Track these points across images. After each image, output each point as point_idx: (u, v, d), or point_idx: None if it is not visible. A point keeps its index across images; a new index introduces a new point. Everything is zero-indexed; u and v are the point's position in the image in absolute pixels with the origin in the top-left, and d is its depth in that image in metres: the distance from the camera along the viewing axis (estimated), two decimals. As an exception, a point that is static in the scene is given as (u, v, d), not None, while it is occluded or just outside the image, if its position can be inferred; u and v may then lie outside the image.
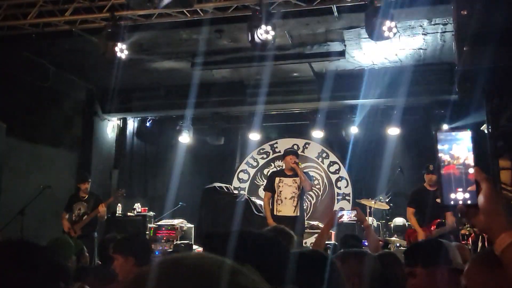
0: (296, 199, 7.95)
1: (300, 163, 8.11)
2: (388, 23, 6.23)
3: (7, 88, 8.95)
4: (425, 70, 9.55)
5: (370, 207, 9.85)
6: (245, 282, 0.81)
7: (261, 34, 6.49)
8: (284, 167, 8.31)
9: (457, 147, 1.48)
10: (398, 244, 8.78)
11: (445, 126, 9.77)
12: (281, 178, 8.13)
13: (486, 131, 6.73)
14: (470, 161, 1.46)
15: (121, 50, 7.15)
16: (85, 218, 8.62)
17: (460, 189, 1.46)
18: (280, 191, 8.03)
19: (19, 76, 9.19)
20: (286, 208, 7.95)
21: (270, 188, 8.22)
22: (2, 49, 8.31)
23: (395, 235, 9.51)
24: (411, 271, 2.66)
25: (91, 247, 8.55)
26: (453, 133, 1.50)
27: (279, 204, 8.03)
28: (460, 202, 1.45)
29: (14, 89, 9.11)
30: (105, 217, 9.07)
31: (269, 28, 6.50)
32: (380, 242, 6.56)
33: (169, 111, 11.68)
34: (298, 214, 7.91)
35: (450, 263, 2.64)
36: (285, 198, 7.97)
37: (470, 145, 1.48)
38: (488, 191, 1.42)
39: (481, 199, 1.42)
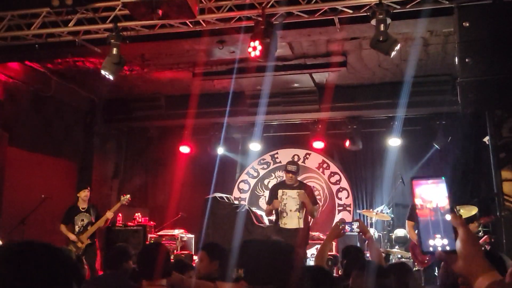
0: (300, 211, 7.82)
1: (307, 200, 7.80)
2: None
3: (9, 98, 8.98)
4: (426, 81, 9.58)
5: (371, 218, 9.84)
6: None
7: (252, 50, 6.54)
8: (285, 178, 8.17)
9: (433, 194, 1.52)
10: (399, 256, 8.76)
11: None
12: (284, 190, 7.96)
13: (488, 143, 6.76)
14: (446, 207, 1.50)
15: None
16: (92, 227, 8.61)
17: (438, 235, 1.48)
18: (285, 204, 7.88)
19: (22, 86, 9.22)
20: (292, 221, 7.79)
21: (271, 201, 8.13)
22: (5, 59, 8.34)
23: (397, 246, 9.49)
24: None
25: (95, 256, 8.61)
26: (428, 181, 1.54)
27: (284, 217, 7.87)
28: (439, 248, 1.48)
29: (16, 99, 9.14)
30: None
31: (256, 43, 6.52)
32: (382, 254, 6.54)
33: (170, 121, 11.69)
34: (303, 225, 7.79)
35: None
36: (290, 210, 7.81)
37: (445, 191, 1.52)
38: (464, 236, 1.45)
39: (458, 244, 1.45)
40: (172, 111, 11.33)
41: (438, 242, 1.48)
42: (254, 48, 6.59)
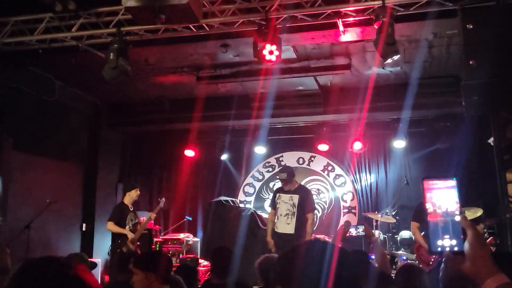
0: (290, 216, 7.80)
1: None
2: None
3: (14, 103, 9.00)
4: (430, 83, 9.54)
5: (377, 221, 9.81)
6: None
7: (268, 54, 6.59)
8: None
9: (444, 195, 1.54)
10: (405, 258, 8.73)
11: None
12: (280, 194, 8.03)
13: (492, 144, 6.73)
14: (456, 208, 1.50)
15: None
16: (140, 228, 8.62)
17: (447, 236, 1.50)
18: (278, 208, 7.94)
19: (26, 91, 9.25)
20: (281, 225, 7.85)
21: (273, 205, 8.18)
22: (9, 65, 8.36)
23: (402, 249, 9.46)
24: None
25: None
26: (439, 181, 1.56)
27: (276, 221, 7.96)
28: (447, 249, 1.49)
29: (21, 104, 9.16)
30: None
31: (273, 47, 6.58)
32: (387, 256, 6.52)
33: (174, 125, 11.70)
34: (293, 232, 7.74)
35: None
36: (281, 215, 7.87)
37: (455, 193, 1.53)
38: (473, 238, 1.46)
39: (466, 246, 1.46)
40: (177, 115, 11.32)
41: (446, 243, 1.49)
42: (271, 52, 6.66)
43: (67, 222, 10.20)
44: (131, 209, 8.63)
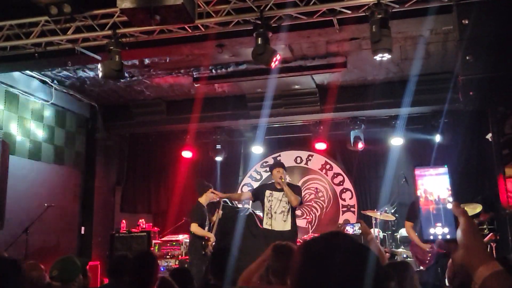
0: (286, 213, 7.83)
1: (283, 179, 7.81)
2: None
3: (10, 107, 8.98)
4: (427, 79, 9.53)
5: (376, 219, 9.80)
6: None
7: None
8: (274, 181, 8.13)
9: (435, 183, 1.53)
10: (405, 255, 8.72)
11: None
12: (272, 192, 8.00)
13: (491, 140, 6.73)
14: (448, 196, 1.50)
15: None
16: (215, 226, 8.57)
17: (439, 224, 1.49)
18: (271, 205, 7.93)
19: (22, 95, 9.23)
20: (277, 223, 7.85)
21: (255, 194, 8.26)
22: (5, 69, 8.34)
23: (402, 246, 9.44)
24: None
25: None
26: (431, 169, 1.55)
27: (269, 218, 7.92)
28: (439, 237, 1.48)
29: (17, 107, 9.15)
30: None
31: (278, 57, 6.75)
32: (387, 254, 6.51)
33: (171, 126, 11.69)
34: (289, 228, 7.80)
35: None
36: (275, 212, 7.86)
37: (447, 180, 1.53)
38: (465, 226, 1.45)
39: (459, 233, 1.45)
40: (174, 116, 11.30)
41: (438, 231, 1.48)
42: (275, 61, 6.81)
43: (65, 225, 10.17)
44: (206, 209, 8.53)
